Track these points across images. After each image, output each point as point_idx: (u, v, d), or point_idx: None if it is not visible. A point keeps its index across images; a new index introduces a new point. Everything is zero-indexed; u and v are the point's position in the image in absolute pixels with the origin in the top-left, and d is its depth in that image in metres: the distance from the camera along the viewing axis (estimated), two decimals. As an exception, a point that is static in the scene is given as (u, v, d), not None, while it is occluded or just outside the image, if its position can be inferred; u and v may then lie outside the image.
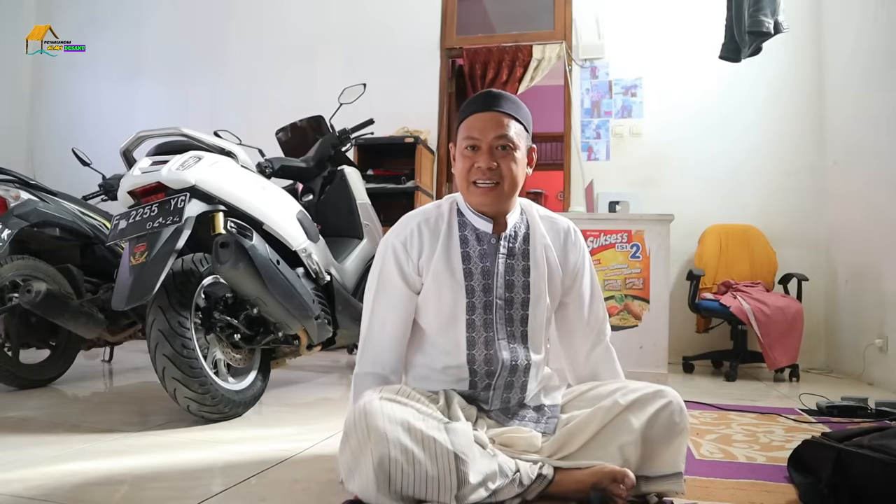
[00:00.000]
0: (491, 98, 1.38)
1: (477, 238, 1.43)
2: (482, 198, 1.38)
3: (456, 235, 1.43)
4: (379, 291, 1.44)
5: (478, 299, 1.40)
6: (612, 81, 4.46)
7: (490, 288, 1.41)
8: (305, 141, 3.22)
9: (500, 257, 1.42)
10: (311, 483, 1.46)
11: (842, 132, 3.89)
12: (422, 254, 1.41)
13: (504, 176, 1.36)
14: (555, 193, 7.47)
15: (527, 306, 1.43)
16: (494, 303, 1.41)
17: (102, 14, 5.42)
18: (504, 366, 1.40)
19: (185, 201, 1.91)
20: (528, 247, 1.45)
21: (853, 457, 1.29)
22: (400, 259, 1.41)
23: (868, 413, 2.34)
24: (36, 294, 2.23)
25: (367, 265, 2.98)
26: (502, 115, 1.36)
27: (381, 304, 1.44)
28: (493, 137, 1.35)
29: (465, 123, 1.39)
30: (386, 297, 1.43)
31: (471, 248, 1.42)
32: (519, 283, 1.43)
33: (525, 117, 1.41)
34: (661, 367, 2.86)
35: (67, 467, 1.54)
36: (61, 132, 5.31)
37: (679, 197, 4.13)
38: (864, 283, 3.50)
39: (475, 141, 1.36)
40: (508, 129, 1.36)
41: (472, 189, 1.38)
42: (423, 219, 1.44)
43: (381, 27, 4.84)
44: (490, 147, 1.35)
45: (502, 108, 1.37)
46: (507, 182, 1.37)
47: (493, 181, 1.36)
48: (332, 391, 2.89)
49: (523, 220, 1.48)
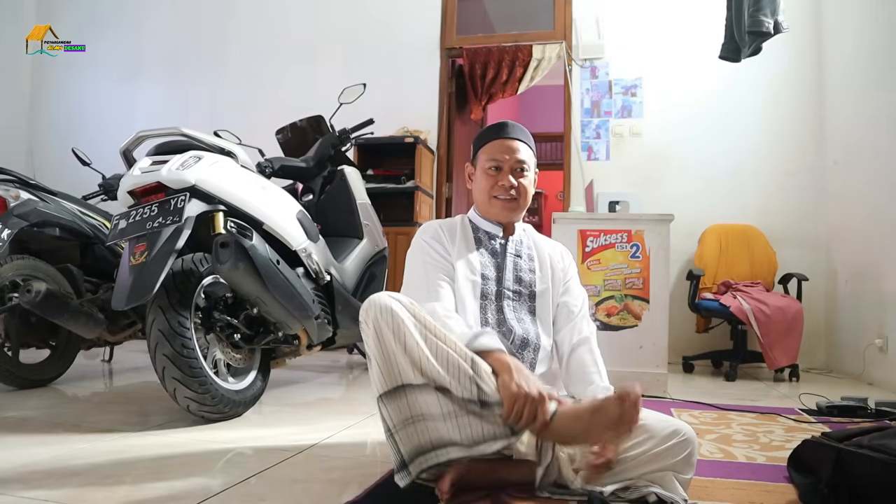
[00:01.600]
0: (512, 127, 1.63)
1: (489, 238, 1.64)
2: (502, 210, 1.61)
3: (471, 235, 1.64)
4: (427, 266, 1.56)
5: (489, 287, 1.58)
6: (612, 81, 4.46)
7: (501, 279, 1.60)
8: (305, 141, 3.22)
9: (509, 255, 1.63)
10: (310, 483, 1.46)
11: (842, 132, 3.90)
12: (449, 243, 1.60)
13: (521, 193, 1.60)
14: (555, 193, 7.48)
15: (534, 298, 1.61)
16: (504, 292, 1.58)
17: (102, 14, 5.42)
18: (516, 335, 1.52)
19: (185, 201, 1.91)
20: (534, 253, 1.67)
21: (853, 457, 1.29)
22: (435, 247, 1.59)
23: (868, 413, 2.34)
24: (36, 294, 2.23)
25: (367, 265, 2.98)
26: (522, 143, 1.61)
27: (431, 274, 1.54)
28: (514, 161, 1.59)
29: (487, 147, 1.61)
30: (434, 268, 1.55)
31: (484, 245, 1.63)
32: (527, 277, 1.62)
33: (532, 144, 1.66)
34: (661, 367, 2.85)
35: (67, 467, 1.54)
36: (61, 132, 5.31)
37: (679, 197, 4.14)
38: (864, 283, 3.51)
39: (498, 163, 1.59)
40: (525, 156, 1.60)
41: (493, 202, 1.60)
42: (441, 223, 1.66)
43: (381, 27, 4.84)
44: (512, 168, 1.59)
45: (521, 137, 1.62)
46: (523, 198, 1.61)
47: (514, 197, 1.59)
48: (332, 391, 2.89)
49: (527, 236, 1.71)
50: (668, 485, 1.29)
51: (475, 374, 1.25)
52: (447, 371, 1.25)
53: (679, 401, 2.65)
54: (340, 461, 1.65)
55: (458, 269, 1.56)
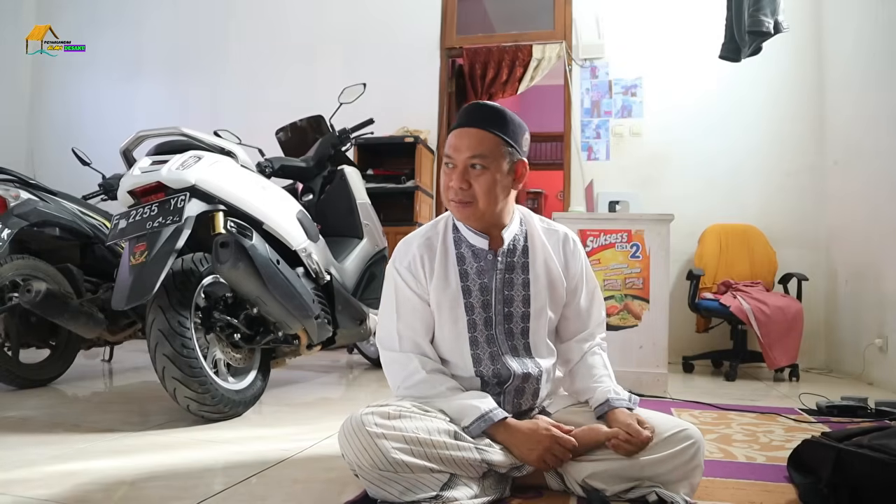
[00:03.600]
0: (474, 112, 1.36)
1: (474, 254, 1.43)
2: (458, 213, 1.40)
3: (453, 254, 1.43)
4: (400, 308, 1.43)
5: (478, 316, 1.41)
6: (612, 81, 4.46)
7: (489, 304, 1.42)
8: (305, 141, 3.22)
9: (497, 273, 1.42)
10: (311, 482, 1.46)
11: (842, 132, 3.89)
12: (426, 276, 1.42)
13: (476, 196, 1.34)
14: (555, 193, 7.48)
15: (527, 319, 1.44)
16: (493, 318, 1.42)
17: (102, 14, 5.42)
18: (516, 376, 1.41)
19: (185, 201, 1.91)
20: (528, 259, 1.45)
21: (853, 456, 1.29)
22: (409, 282, 1.43)
23: (868, 413, 2.34)
24: (36, 294, 2.23)
25: (367, 265, 2.98)
26: (482, 132, 1.33)
27: (405, 317, 1.43)
28: (466, 157, 1.33)
29: (448, 138, 1.38)
30: (408, 311, 1.43)
31: (468, 265, 1.43)
32: (518, 297, 1.43)
33: (511, 131, 1.35)
34: (661, 366, 2.85)
35: (67, 467, 1.54)
36: (61, 132, 5.31)
37: (679, 197, 4.13)
38: (864, 283, 3.50)
39: (451, 160, 1.36)
40: (483, 148, 1.32)
41: (451, 205, 1.39)
42: (421, 241, 1.45)
43: (381, 27, 4.84)
44: (464, 167, 1.34)
45: (483, 124, 1.33)
46: (482, 202, 1.35)
47: (465, 200, 1.35)
48: (332, 391, 2.89)
49: (522, 232, 1.47)
50: (672, 486, 1.29)
51: (483, 459, 1.26)
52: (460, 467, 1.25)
53: (679, 401, 2.65)
54: (340, 461, 1.63)
55: (440, 303, 1.41)
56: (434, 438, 1.23)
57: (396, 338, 1.42)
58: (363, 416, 1.23)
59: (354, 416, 1.24)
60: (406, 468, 1.19)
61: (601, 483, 1.30)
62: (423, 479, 1.20)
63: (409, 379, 1.39)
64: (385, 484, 1.20)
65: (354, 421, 1.23)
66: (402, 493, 1.20)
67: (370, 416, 1.23)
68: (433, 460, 1.21)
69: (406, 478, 1.19)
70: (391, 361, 1.43)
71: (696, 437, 1.31)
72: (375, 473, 1.19)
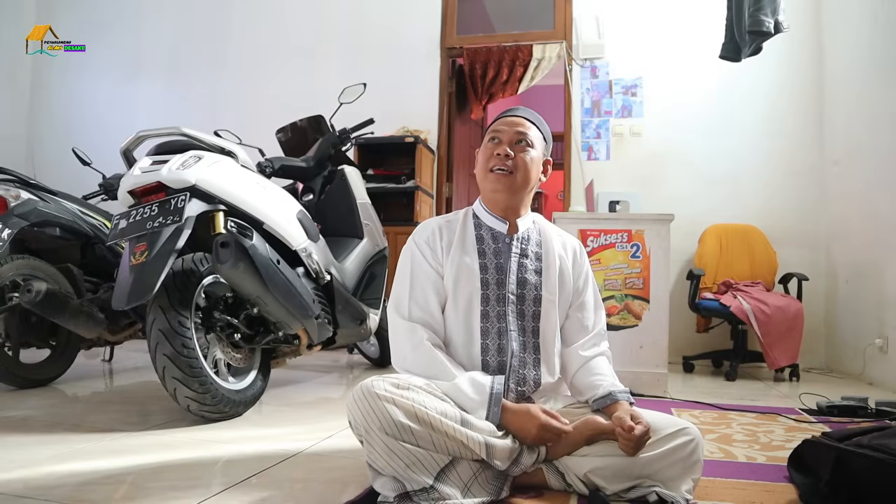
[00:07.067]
0: (520, 109, 1.55)
1: (492, 237, 1.53)
2: (496, 184, 1.48)
3: (472, 234, 1.53)
4: (415, 278, 1.49)
5: (491, 292, 1.48)
6: (612, 81, 4.46)
7: (503, 283, 1.49)
8: (305, 141, 3.22)
9: (513, 256, 1.51)
10: (311, 482, 1.46)
11: (842, 132, 3.89)
12: (443, 250, 1.51)
13: (518, 166, 1.47)
14: (555, 193, 7.48)
15: (539, 303, 1.50)
16: (507, 297, 1.48)
17: (102, 14, 5.42)
18: (514, 355, 1.45)
19: (186, 201, 1.91)
20: (542, 251, 1.55)
21: (853, 456, 1.29)
22: (426, 254, 1.51)
23: (868, 413, 2.34)
24: (36, 293, 2.23)
25: (367, 265, 2.98)
26: (529, 122, 1.51)
27: (418, 286, 1.48)
28: (515, 131, 1.48)
29: (493, 124, 1.53)
30: (422, 281, 1.49)
31: (486, 245, 1.52)
32: (532, 281, 1.51)
33: (545, 130, 1.55)
34: (661, 366, 2.85)
35: (67, 467, 1.54)
36: (61, 132, 5.31)
37: (679, 197, 4.13)
38: (864, 283, 3.50)
39: (497, 134, 1.49)
40: (528, 130, 1.50)
41: (488, 176, 1.49)
42: (441, 221, 1.56)
43: (381, 27, 4.84)
44: (510, 139, 1.48)
45: (525, 115, 1.53)
46: (521, 173, 1.47)
47: (507, 169, 1.46)
48: (332, 391, 2.89)
49: (535, 229, 1.58)
50: (671, 484, 1.29)
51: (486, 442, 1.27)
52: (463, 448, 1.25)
53: (679, 400, 2.65)
54: (340, 461, 1.65)
55: (457, 275, 1.47)
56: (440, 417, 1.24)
57: (407, 306, 1.47)
58: (373, 381, 1.26)
59: (364, 383, 1.27)
60: (410, 434, 1.20)
61: (602, 480, 1.31)
62: (423, 457, 1.21)
63: (414, 350, 1.42)
64: (389, 456, 1.21)
65: (364, 387, 1.26)
66: (404, 469, 1.21)
67: (380, 381, 1.27)
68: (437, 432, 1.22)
69: (409, 450, 1.21)
70: (398, 331, 1.47)
71: (694, 433, 1.34)
72: (381, 440, 1.21)
